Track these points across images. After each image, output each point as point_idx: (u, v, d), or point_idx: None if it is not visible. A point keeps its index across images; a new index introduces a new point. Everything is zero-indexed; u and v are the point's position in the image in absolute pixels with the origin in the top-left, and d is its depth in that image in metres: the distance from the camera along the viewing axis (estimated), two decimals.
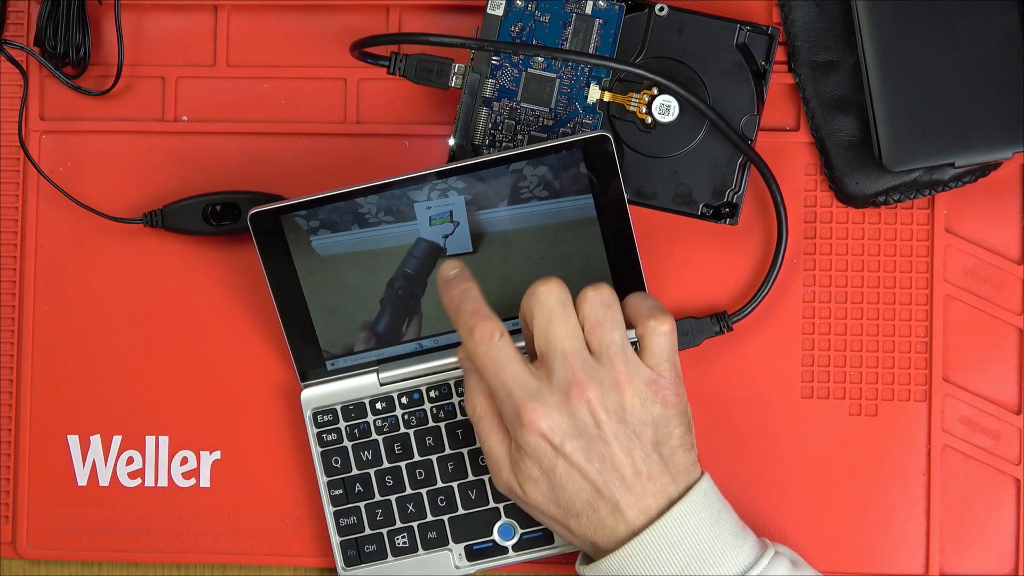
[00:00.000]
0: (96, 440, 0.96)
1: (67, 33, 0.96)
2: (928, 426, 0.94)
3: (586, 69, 0.93)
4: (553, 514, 0.85)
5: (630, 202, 0.91)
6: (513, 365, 0.83)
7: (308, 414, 0.93)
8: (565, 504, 0.84)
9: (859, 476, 0.94)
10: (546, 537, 0.93)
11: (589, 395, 0.82)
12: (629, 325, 0.86)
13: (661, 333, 0.85)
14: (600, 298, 0.84)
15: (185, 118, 0.97)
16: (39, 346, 0.97)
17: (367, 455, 0.93)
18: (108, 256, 0.97)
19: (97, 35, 0.98)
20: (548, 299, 0.84)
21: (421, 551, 0.93)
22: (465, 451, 0.93)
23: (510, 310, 0.92)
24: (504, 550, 0.93)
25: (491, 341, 0.83)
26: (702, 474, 0.86)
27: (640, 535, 0.83)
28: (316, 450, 0.93)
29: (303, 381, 0.94)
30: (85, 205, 0.96)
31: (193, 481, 0.96)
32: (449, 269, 0.87)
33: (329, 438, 0.93)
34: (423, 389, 0.93)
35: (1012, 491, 0.94)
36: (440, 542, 0.93)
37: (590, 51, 0.93)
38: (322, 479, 0.93)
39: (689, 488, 0.84)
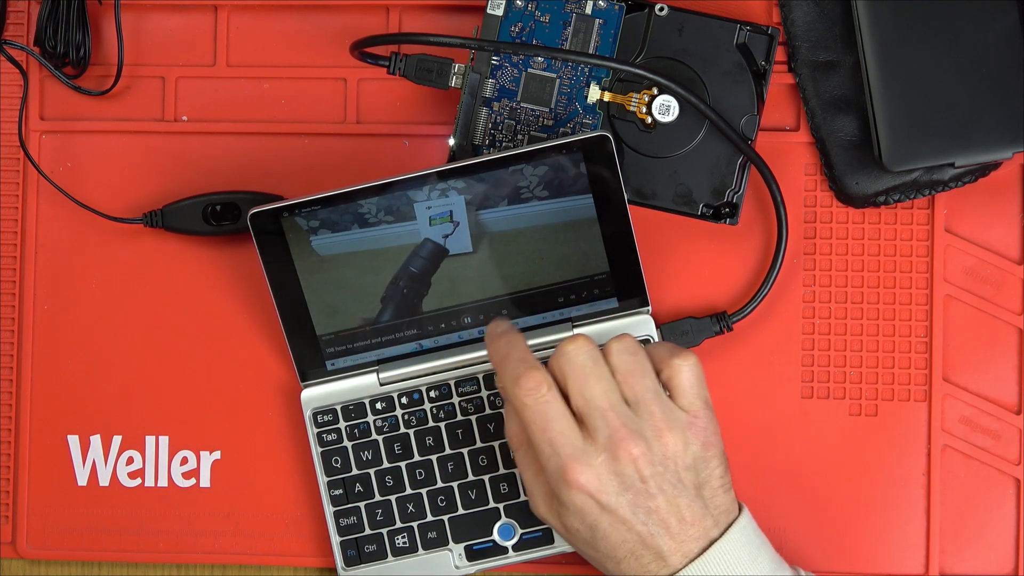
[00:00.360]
0: (96, 440, 0.96)
1: (67, 33, 0.96)
2: (928, 426, 0.94)
3: (586, 69, 0.93)
4: (591, 556, 0.85)
5: (630, 202, 0.91)
6: (561, 423, 0.82)
7: (308, 414, 0.93)
8: (606, 551, 0.83)
9: (859, 476, 0.94)
10: (546, 537, 0.93)
11: (633, 451, 0.82)
12: (657, 374, 0.85)
13: (686, 367, 0.84)
14: (625, 347, 0.84)
15: (185, 118, 0.97)
16: (39, 346, 0.97)
17: (367, 455, 0.93)
18: (108, 256, 0.97)
19: (97, 35, 0.98)
20: (579, 357, 0.83)
21: (421, 551, 0.93)
22: (465, 451, 0.93)
23: (508, 309, 0.92)
24: (504, 550, 0.93)
25: (538, 393, 0.82)
26: (741, 509, 0.85)
27: (679, 574, 0.82)
28: (316, 450, 0.93)
29: (303, 381, 0.94)
30: (85, 205, 0.96)
31: (193, 481, 0.96)
32: (497, 326, 0.86)
33: (329, 438, 0.93)
34: (423, 389, 0.93)
35: (1012, 491, 0.94)
36: (440, 542, 0.93)
37: (590, 51, 0.93)
38: (322, 479, 0.93)
39: (728, 526, 0.84)
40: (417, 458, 0.93)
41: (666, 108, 0.92)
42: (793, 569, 0.86)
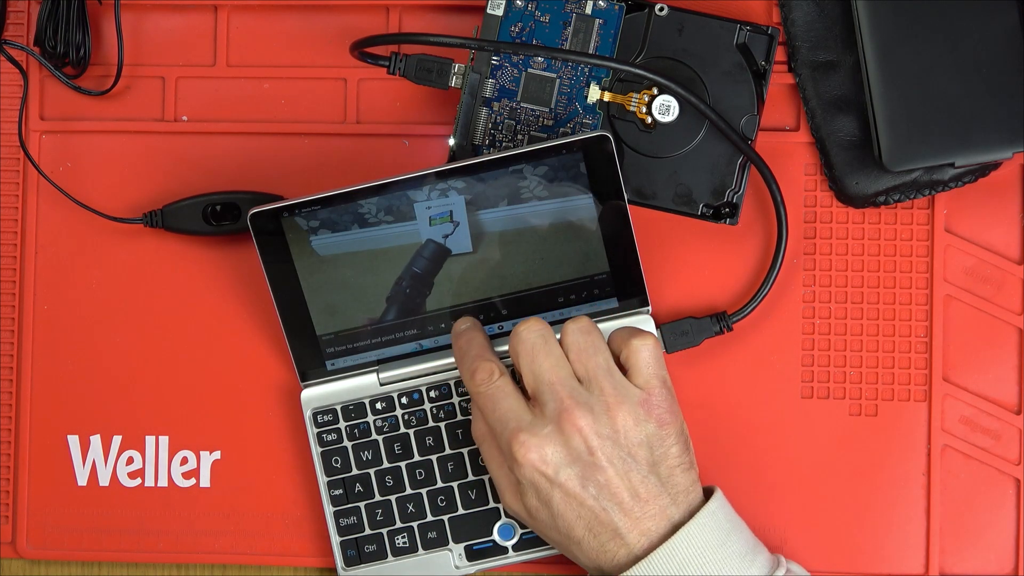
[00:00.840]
0: (96, 440, 0.96)
1: (67, 33, 0.96)
2: (928, 426, 0.94)
3: (586, 69, 0.93)
4: (556, 539, 0.86)
5: (630, 202, 0.91)
6: (509, 400, 0.85)
7: (308, 414, 0.93)
8: (565, 531, 0.84)
9: (859, 476, 0.94)
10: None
11: (580, 423, 0.83)
12: (617, 359, 0.86)
13: (643, 347, 0.85)
14: (579, 327, 0.85)
15: (185, 118, 0.97)
16: (39, 346, 0.97)
17: (367, 455, 0.93)
18: (108, 256, 0.97)
19: (97, 35, 0.98)
20: (529, 336, 0.85)
21: (421, 551, 0.93)
22: (465, 451, 0.93)
23: (507, 309, 0.92)
24: (504, 550, 0.93)
25: (490, 380, 0.85)
26: (713, 492, 0.86)
27: (644, 560, 0.82)
28: (316, 450, 0.93)
29: (303, 381, 0.94)
30: (85, 205, 0.96)
31: (193, 481, 0.96)
32: (461, 324, 0.90)
33: (329, 438, 0.93)
34: (423, 389, 0.93)
35: (1012, 491, 0.94)
36: (440, 542, 0.93)
37: (590, 51, 0.93)
38: (322, 479, 0.93)
39: (692, 510, 0.84)
40: (417, 458, 0.93)
41: (666, 108, 0.92)
42: (774, 558, 0.86)
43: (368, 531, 0.93)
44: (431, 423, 0.93)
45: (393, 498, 0.93)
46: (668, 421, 0.84)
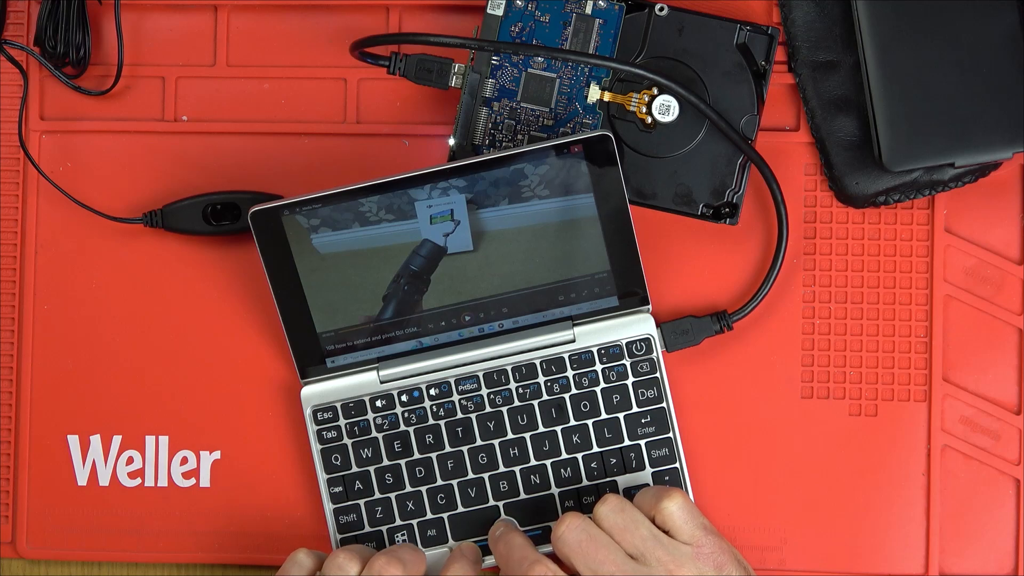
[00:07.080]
0: (96, 440, 0.96)
1: (67, 33, 0.96)
2: (928, 426, 0.94)
3: (586, 69, 0.93)
4: None
5: (630, 202, 0.91)
6: None
7: (308, 412, 0.93)
8: None
9: (859, 476, 0.94)
10: (545, 536, 0.92)
11: None
12: (652, 521, 0.87)
13: (675, 507, 0.86)
14: (612, 507, 0.86)
15: (185, 118, 0.97)
16: (39, 346, 0.97)
17: (367, 453, 0.93)
18: (108, 256, 0.97)
19: (97, 35, 0.98)
20: (572, 534, 0.85)
21: (421, 549, 0.93)
22: (465, 449, 0.93)
23: (508, 308, 0.92)
24: None
25: None
26: None
27: None
28: (316, 448, 0.93)
29: (303, 378, 0.94)
30: (85, 205, 0.96)
31: (193, 481, 0.96)
32: (495, 531, 0.90)
33: (329, 436, 0.93)
34: (423, 387, 0.93)
35: (1012, 491, 0.94)
36: (440, 540, 0.93)
37: (590, 51, 0.93)
38: (322, 477, 0.93)
39: None
40: (417, 456, 0.93)
41: (666, 108, 0.92)
42: None
43: (368, 529, 0.93)
44: (431, 421, 0.93)
45: (393, 496, 0.93)
46: (725, 561, 0.86)
